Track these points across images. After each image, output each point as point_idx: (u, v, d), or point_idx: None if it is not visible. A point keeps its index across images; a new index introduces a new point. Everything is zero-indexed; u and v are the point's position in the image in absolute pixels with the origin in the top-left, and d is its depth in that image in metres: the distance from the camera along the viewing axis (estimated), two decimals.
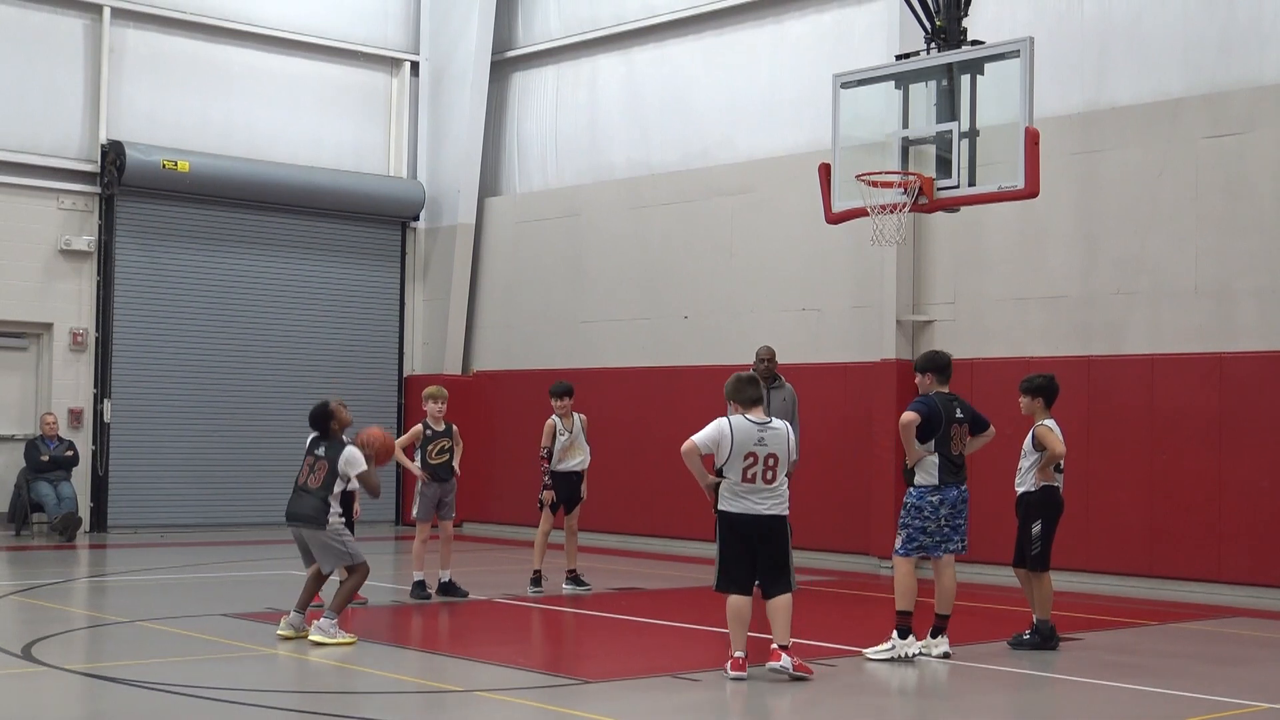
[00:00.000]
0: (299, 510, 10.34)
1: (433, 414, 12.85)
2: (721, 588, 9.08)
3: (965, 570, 15.44)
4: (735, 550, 9.04)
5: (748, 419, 9.01)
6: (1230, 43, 14.36)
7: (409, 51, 22.10)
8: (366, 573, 10.48)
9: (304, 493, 10.34)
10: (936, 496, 9.81)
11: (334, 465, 10.27)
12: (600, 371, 18.81)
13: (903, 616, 9.82)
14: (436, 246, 21.73)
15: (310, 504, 10.27)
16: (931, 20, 12.74)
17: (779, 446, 8.98)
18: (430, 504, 12.86)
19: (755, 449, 8.91)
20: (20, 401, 19.06)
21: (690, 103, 19.22)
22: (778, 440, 8.99)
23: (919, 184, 12.10)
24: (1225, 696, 8.75)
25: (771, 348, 13.58)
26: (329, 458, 10.32)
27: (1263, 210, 13.91)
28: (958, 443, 9.94)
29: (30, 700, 8.38)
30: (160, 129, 19.77)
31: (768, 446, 8.94)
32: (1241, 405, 13.79)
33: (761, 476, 8.92)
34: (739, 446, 8.90)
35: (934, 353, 10.41)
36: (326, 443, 10.42)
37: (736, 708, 8.53)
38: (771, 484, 8.95)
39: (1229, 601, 13.47)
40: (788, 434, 9.09)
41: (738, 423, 8.97)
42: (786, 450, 9.01)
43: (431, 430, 12.81)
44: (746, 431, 8.93)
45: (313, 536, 10.30)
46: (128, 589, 13.97)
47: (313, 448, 10.47)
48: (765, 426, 9.00)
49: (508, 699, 8.41)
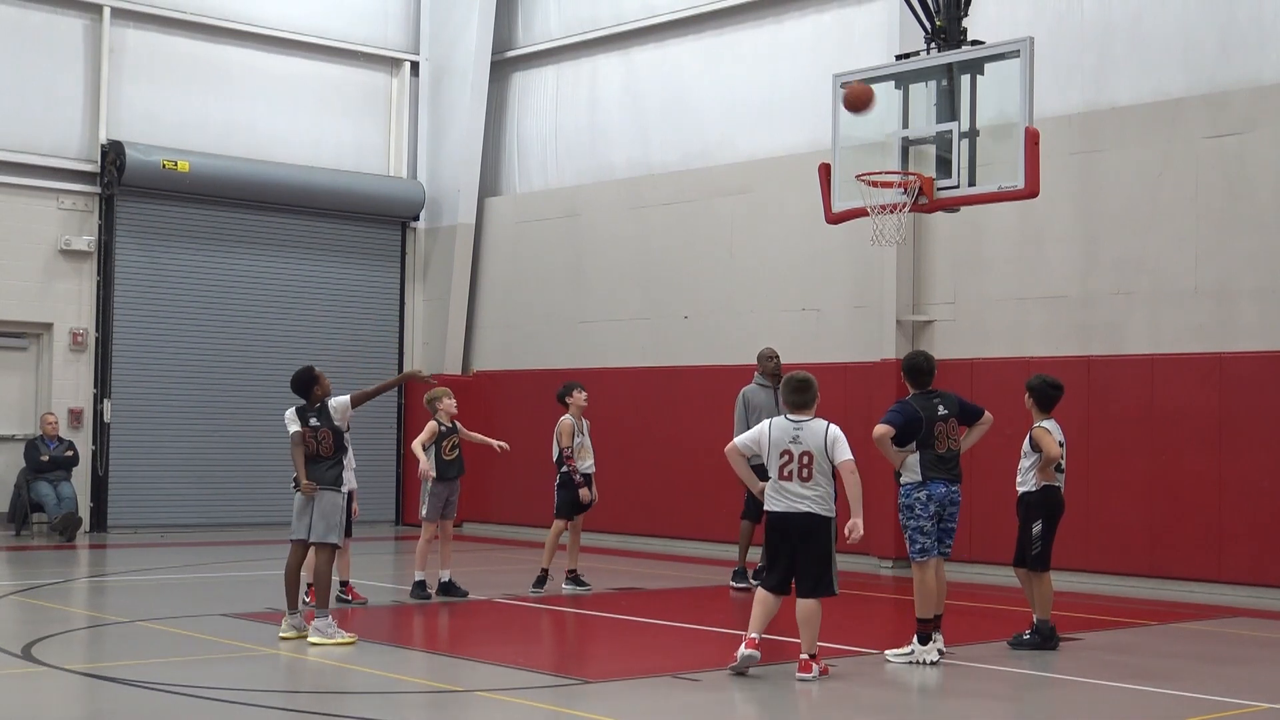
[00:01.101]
0: (317, 477, 10.33)
1: (447, 410, 12.86)
2: (765, 584, 9.20)
3: (966, 570, 15.48)
4: (775, 548, 9.18)
5: (787, 418, 9.18)
6: (1230, 43, 14.36)
7: (409, 51, 22.10)
8: (333, 556, 10.46)
9: (318, 463, 10.36)
10: (923, 492, 9.80)
11: (334, 426, 10.35)
12: (600, 371, 18.80)
13: (922, 624, 9.80)
14: (436, 246, 21.73)
15: (326, 472, 10.34)
16: (931, 20, 12.73)
17: (814, 444, 9.04)
18: (440, 503, 12.83)
19: (790, 446, 9.05)
20: (20, 401, 19.06)
21: (690, 103, 19.22)
22: (813, 438, 9.06)
23: (919, 184, 12.09)
24: (1225, 696, 8.75)
25: (773, 349, 13.75)
26: (325, 423, 10.38)
27: (1263, 210, 13.91)
28: (944, 440, 9.89)
29: (30, 700, 8.38)
30: (160, 129, 19.77)
31: (803, 444, 9.05)
32: (1241, 405, 13.79)
33: (797, 474, 9.03)
34: (775, 445, 9.07)
35: (907, 358, 10.38)
36: (314, 411, 10.44)
37: (737, 708, 8.53)
38: (808, 481, 9.02)
39: (1229, 601, 13.47)
40: (825, 431, 9.11)
41: (776, 422, 9.19)
42: (824, 448, 9.03)
43: (445, 427, 12.82)
44: (782, 429, 9.11)
45: (322, 497, 10.31)
46: (128, 589, 13.97)
47: (305, 421, 10.44)
48: (801, 425, 9.11)
49: (508, 699, 8.41)
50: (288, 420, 10.45)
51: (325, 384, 10.62)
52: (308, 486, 10.29)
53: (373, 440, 20.32)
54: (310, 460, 10.38)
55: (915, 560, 9.90)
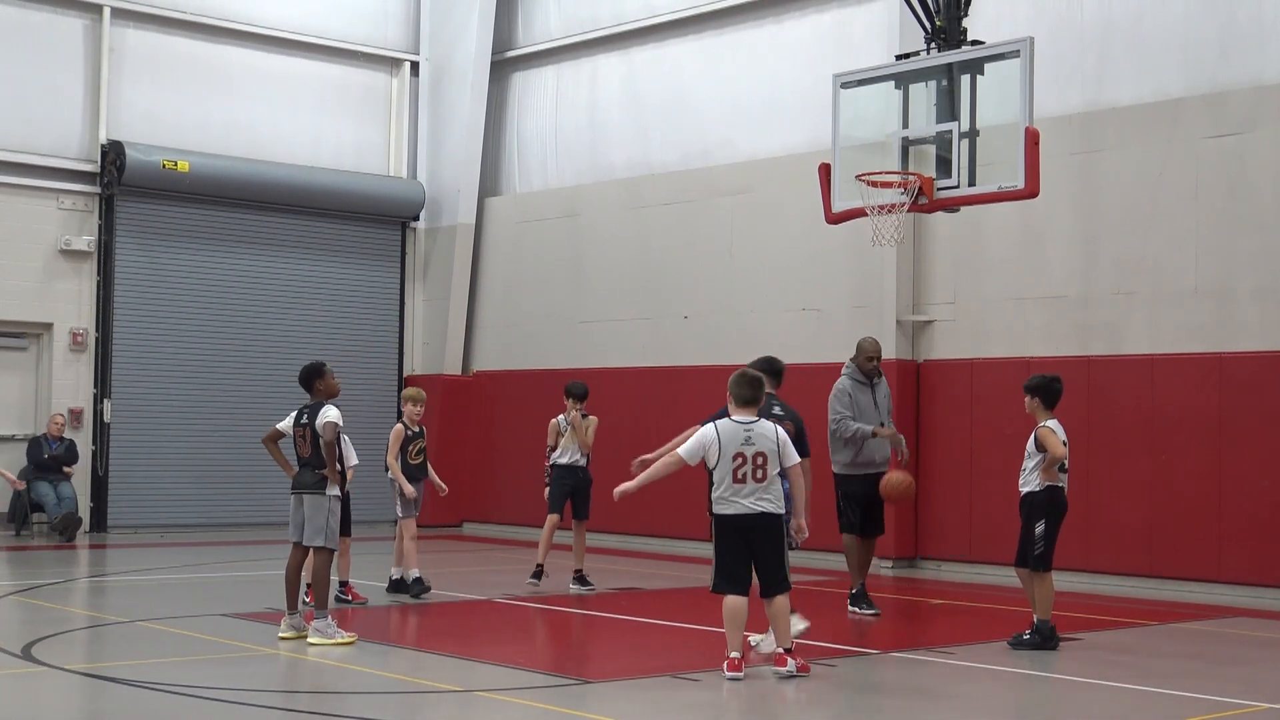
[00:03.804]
0: (302, 480, 10.35)
1: (411, 415, 12.94)
2: (719, 588, 9.11)
3: (966, 570, 15.50)
4: (732, 550, 9.10)
5: (734, 420, 9.12)
6: (1230, 43, 14.36)
7: (409, 51, 22.10)
8: (330, 558, 10.45)
9: (304, 465, 10.37)
10: None
11: (314, 428, 10.28)
12: (600, 371, 18.79)
13: None
14: (436, 246, 21.73)
15: (310, 475, 10.30)
16: (931, 20, 12.74)
17: (767, 445, 9.05)
18: (413, 501, 12.93)
19: (743, 449, 9.02)
20: (20, 401, 19.06)
21: (690, 103, 19.22)
22: (765, 439, 9.07)
23: (919, 184, 12.09)
24: (1225, 696, 8.75)
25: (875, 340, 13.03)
26: (310, 424, 10.33)
27: (1263, 210, 13.91)
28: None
29: (30, 700, 8.38)
30: (160, 129, 19.78)
31: (755, 445, 9.02)
32: (1241, 405, 13.79)
33: (752, 475, 9.01)
34: (726, 448, 9.01)
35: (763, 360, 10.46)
36: (308, 410, 10.43)
37: (736, 708, 8.53)
38: (762, 481, 9.01)
39: (1229, 601, 13.47)
40: (775, 433, 9.14)
41: (724, 426, 9.10)
42: (775, 448, 9.06)
43: (411, 431, 12.87)
44: (732, 433, 9.05)
45: (310, 501, 10.29)
46: (128, 589, 13.97)
47: (298, 420, 10.45)
48: (750, 426, 9.09)
49: (508, 699, 8.41)
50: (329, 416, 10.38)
51: (331, 383, 10.60)
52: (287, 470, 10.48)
53: (374, 440, 20.26)
54: (300, 460, 10.39)
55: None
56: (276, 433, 10.63)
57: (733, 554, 9.09)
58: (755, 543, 9.06)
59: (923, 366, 16.25)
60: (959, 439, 15.75)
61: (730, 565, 9.09)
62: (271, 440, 10.64)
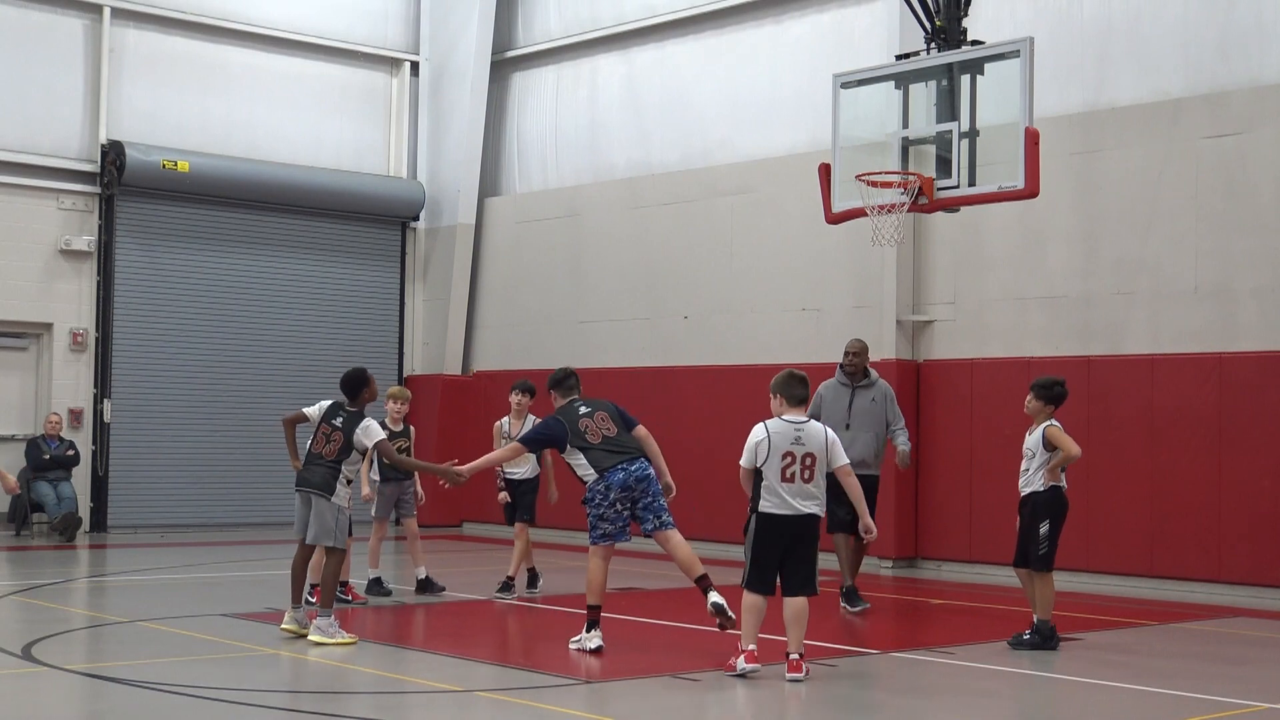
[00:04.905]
0: (309, 478, 10.29)
1: (393, 414, 12.85)
2: (752, 586, 9.06)
3: (966, 570, 15.50)
4: (769, 550, 9.05)
5: (785, 419, 9.05)
6: (1230, 43, 14.37)
7: (409, 51, 22.10)
8: (342, 559, 10.45)
9: (316, 462, 10.30)
10: (602, 485, 9.88)
11: (349, 437, 10.21)
12: (600, 371, 18.79)
13: (592, 610, 9.91)
14: (436, 246, 21.74)
15: (320, 474, 10.24)
16: (931, 20, 12.74)
17: (816, 446, 9.01)
18: (389, 502, 12.88)
19: (793, 448, 8.96)
20: (20, 401, 19.06)
21: (690, 103, 19.22)
22: (815, 440, 9.03)
23: (919, 184, 12.10)
24: (1225, 696, 8.75)
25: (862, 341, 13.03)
26: (344, 429, 10.26)
27: (1263, 210, 13.91)
28: (595, 433, 9.93)
29: (30, 700, 8.38)
30: (160, 129, 19.78)
31: (805, 446, 8.98)
32: (1241, 405, 13.79)
33: (800, 476, 8.96)
34: (776, 447, 8.95)
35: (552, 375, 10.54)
36: (344, 413, 10.36)
37: (736, 708, 8.53)
38: (810, 482, 8.99)
39: (1229, 601, 13.47)
40: (825, 434, 9.12)
41: (774, 425, 9.03)
42: (824, 449, 9.03)
43: (391, 431, 12.73)
44: (783, 433, 9.00)
45: (316, 503, 10.25)
46: (128, 589, 13.97)
47: (329, 417, 10.37)
48: (802, 426, 9.05)
49: (508, 699, 8.41)
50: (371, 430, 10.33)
51: (375, 390, 10.58)
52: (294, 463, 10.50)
53: None
54: (310, 455, 10.36)
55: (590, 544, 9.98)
56: (301, 416, 10.53)
57: (769, 554, 9.05)
58: (793, 543, 9.03)
59: (923, 366, 16.25)
60: (959, 439, 15.74)
61: (765, 566, 9.07)
62: (292, 423, 10.57)
